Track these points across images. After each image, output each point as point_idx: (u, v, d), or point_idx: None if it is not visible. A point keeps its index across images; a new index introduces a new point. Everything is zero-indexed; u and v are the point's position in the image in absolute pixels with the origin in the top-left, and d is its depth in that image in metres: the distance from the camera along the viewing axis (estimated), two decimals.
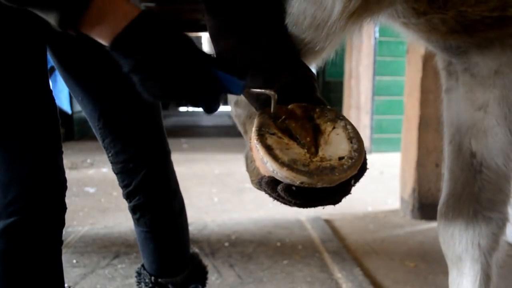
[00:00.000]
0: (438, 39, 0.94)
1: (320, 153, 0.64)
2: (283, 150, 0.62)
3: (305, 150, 0.64)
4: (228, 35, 0.81)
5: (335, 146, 0.65)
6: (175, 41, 0.65)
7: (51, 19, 0.62)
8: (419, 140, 2.63)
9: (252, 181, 0.73)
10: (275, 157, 0.60)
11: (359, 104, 5.01)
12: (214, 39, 0.83)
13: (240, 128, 1.11)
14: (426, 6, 0.80)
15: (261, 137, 0.63)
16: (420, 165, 2.65)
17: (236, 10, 0.81)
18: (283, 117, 0.68)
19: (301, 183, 0.59)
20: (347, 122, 0.68)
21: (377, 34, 4.83)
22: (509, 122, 0.93)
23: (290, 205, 0.64)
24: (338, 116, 0.69)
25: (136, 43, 0.63)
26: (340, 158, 0.62)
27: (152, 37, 0.63)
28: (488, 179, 0.97)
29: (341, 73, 5.43)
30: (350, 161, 0.62)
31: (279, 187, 0.61)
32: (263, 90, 0.67)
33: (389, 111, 5.05)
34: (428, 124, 2.58)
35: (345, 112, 5.20)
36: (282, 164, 0.59)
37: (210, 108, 0.68)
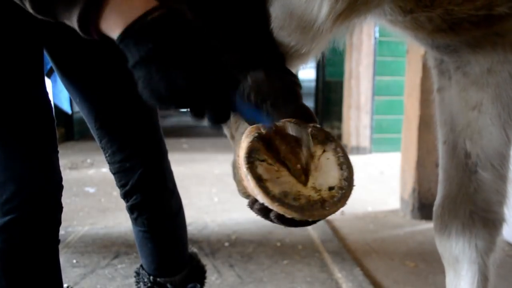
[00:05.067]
0: (425, 37, 0.94)
1: (311, 182, 0.64)
2: (274, 180, 0.61)
3: (296, 180, 0.63)
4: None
5: (325, 173, 0.65)
6: (194, 38, 0.58)
7: (74, 16, 0.59)
8: (419, 140, 2.63)
9: (239, 190, 0.73)
10: (266, 191, 0.60)
11: (359, 104, 5.01)
12: None
13: (226, 132, 1.11)
14: (413, 4, 0.80)
15: (251, 166, 0.62)
16: (420, 165, 2.65)
17: (220, 14, 0.81)
18: (273, 139, 0.66)
19: (292, 217, 0.60)
20: (337, 145, 0.67)
21: (377, 34, 4.83)
22: (504, 121, 0.93)
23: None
24: (328, 138, 0.68)
25: (150, 31, 0.56)
26: (330, 188, 0.63)
27: (168, 27, 0.57)
28: (484, 180, 0.96)
29: (341, 73, 5.42)
30: (340, 192, 0.62)
31: (272, 215, 0.62)
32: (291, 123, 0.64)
33: (389, 111, 5.05)
34: (428, 124, 2.58)
35: (345, 112, 5.20)
36: (273, 198, 0.59)
37: (215, 121, 0.61)
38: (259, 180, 0.61)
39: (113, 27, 0.58)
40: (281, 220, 0.62)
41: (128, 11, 0.57)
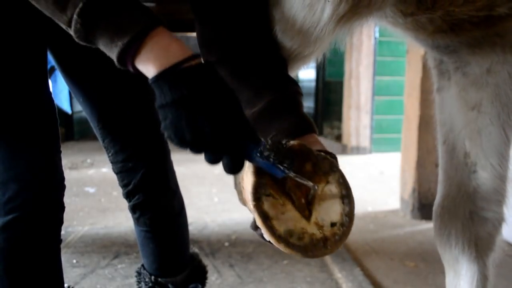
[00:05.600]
0: (426, 38, 0.94)
1: (314, 217, 0.66)
2: (279, 217, 0.64)
3: (300, 214, 0.66)
4: (215, 47, 0.82)
5: (328, 208, 0.67)
6: (224, 91, 0.62)
7: (113, 51, 0.63)
8: (419, 140, 2.63)
9: (239, 199, 0.74)
10: (272, 230, 0.62)
11: (359, 104, 5.01)
12: (202, 47, 0.84)
13: None
14: (414, 7, 0.81)
15: (258, 202, 0.64)
16: (420, 165, 2.65)
17: (224, 18, 0.82)
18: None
19: (296, 256, 0.63)
20: (340, 175, 0.69)
21: (377, 34, 4.83)
22: (503, 121, 0.93)
23: None
24: (332, 168, 0.69)
25: (185, 77, 0.60)
26: (332, 224, 0.65)
27: (203, 78, 0.61)
28: (483, 180, 0.96)
29: (341, 73, 5.42)
30: (341, 228, 0.65)
31: None
32: (304, 181, 0.65)
33: (389, 111, 5.05)
34: (428, 124, 2.58)
35: (345, 112, 5.21)
36: (279, 239, 0.62)
37: (230, 170, 0.63)
38: (266, 218, 0.63)
39: (148, 67, 0.62)
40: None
41: (164, 56, 0.61)
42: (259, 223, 0.63)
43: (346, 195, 0.67)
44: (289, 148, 0.64)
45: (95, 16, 0.61)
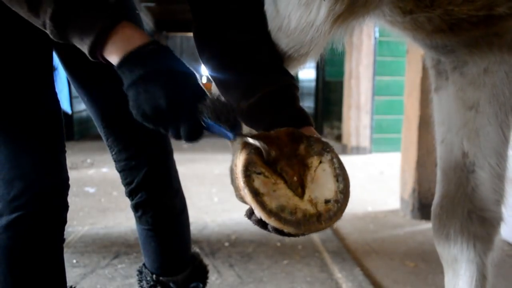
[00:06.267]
0: (424, 37, 0.94)
1: (307, 195, 0.65)
2: (270, 194, 0.63)
3: (292, 192, 0.65)
4: (212, 42, 0.84)
5: (322, 185, 0.66)
6: (178, 70, 0.70)
7: (85, 45, 0.71)
8: (419, 140, 2.63)
9: (236, 195, 0.74)
10: (262, 205, 0.61)
11: (359, 104, 5.01)
12: (198, 43, 0.87)
13: None
14: (412, 5, 0.80)
15: (248, 179, 0.63)
16: (420, 165, 2.65)
17: (221, 15, 0.83)
18: (269, 149, 0.68)
19: (289, 231, 0.61)
20: (334, 155, 0.68)
21: (377, 34, 4.83)
22: (501, 121, 0.93)
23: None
24: (324, 149, 0.69)
25: (141, 60, 0.69)
26: (327, 201, 0.64)
27: (157, 58, 0.69)
28: (482, 179, 0.96)
29: (341, 73, 5.43)
30: (336, 205, 0.63)
31: (269, 227, 0.64)
32: (251, 140, 0.67)
33: (389, 111, 5.05)
34: (428, 124, 2.58)
35: (345, 112, 5.21)
36: (269, 213, 0.60)
37: (190, 138, 0.70)
38: (256, 194, 0.62)
39: (114, 56, 0.71)
40: (279, 232, 0.64)
41: (127, 45, 0.70)
42: (249, 199, 0.62)
43: (340, 174, 0.67)
44: (230, 107, 0.66)
45: (64, 20, 0.69)
